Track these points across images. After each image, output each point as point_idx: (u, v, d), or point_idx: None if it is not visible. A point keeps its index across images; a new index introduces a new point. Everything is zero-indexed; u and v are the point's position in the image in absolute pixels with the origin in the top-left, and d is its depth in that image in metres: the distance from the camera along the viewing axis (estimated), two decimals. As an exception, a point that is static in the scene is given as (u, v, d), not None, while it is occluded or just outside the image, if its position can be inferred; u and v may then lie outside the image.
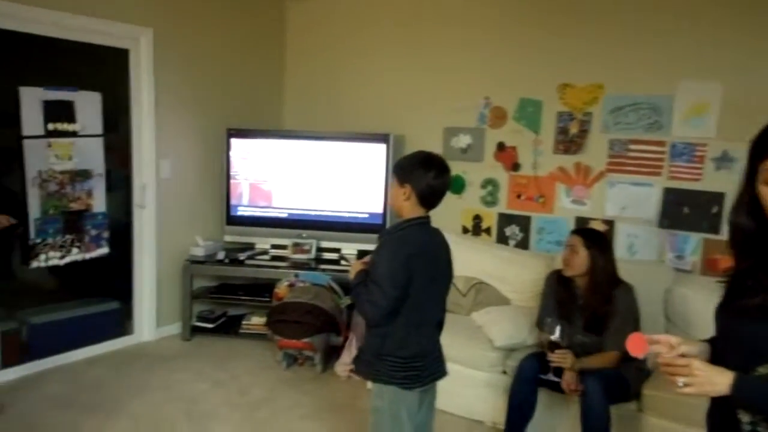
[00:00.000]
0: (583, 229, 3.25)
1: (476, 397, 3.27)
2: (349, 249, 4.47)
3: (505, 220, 4.24)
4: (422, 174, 2.11)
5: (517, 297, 3.73)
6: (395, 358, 2.10)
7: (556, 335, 2.64)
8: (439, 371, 2.24)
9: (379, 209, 4.39)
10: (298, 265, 4.32)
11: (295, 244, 4.51)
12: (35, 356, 3.86)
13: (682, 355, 1.36)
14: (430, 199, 2.15)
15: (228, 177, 4.59)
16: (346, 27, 4.84)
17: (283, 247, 4.56)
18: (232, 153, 4.56)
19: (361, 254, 4.42)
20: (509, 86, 4.12)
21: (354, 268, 2.25)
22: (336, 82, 4.91)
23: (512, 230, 4.22)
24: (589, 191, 3.89)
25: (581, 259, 2.89)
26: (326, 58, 4.96)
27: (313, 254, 4.47)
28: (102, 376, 3.74)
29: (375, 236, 4.21)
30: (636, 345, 1.44)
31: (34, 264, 3.71)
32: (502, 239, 4.25)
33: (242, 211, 4.62)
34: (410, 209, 2.15)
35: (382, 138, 4.35)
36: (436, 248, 2.21)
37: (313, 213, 4.55)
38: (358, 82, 4.79)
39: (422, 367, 2.14)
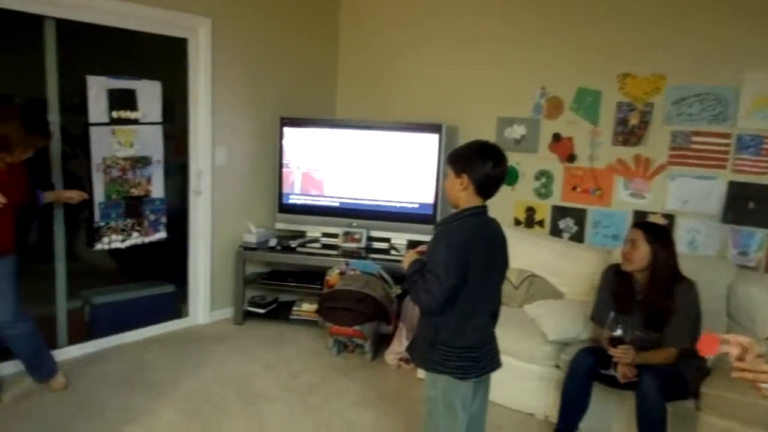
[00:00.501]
0: (644, 222, 3.15)
1: (528, 390, 3.24)
2: (400, 239, 4.47)
3: (560, 212, 4.16)
4: (480, 164, 2.09)
5: (571, 291, 3.66)
6: (449, 347, 2.09)
7: (618, 331, 2.58)
8: (494, 362, 2.23)
9: (430, 199, 4.37)
10: (348, 254, 4.34)
11: (346, 233, 4.54)
12: (97, 335, 4.01)
13: (759, 356, 1.31)
14: (487, 188, 2.13)
15: (280, 165, 4.65)
16: (399, 17, 4.83)
17: (334, 235, 4.60)
18: (285, 141, 4.62)
19: (412, 244, 4.42)
20: (566, 76, 4.03)
21: (408, 257, 2.25)
22: (388, 72, 4.90)
23: (566, 223, 4.14)
24: (649, 184, 3.78)
25: (642, 253, 2.81)
26: (379, 47, 4.95)
27: (363, 243, 4.49)
28: (159, 356, 3.86)
29: (425, 226, 4.28)
30: (709, 345, 1.40)
31: (98, 246, 3.85)
32: (556, 232, 4.17)
33: (294, 200, 4.68)
34: (467, 199, 2.13)
35: (434, 128, 4.33)
36: (493, 238, 2.18)
37: (364, 202, 4.56)
38: (410, 71, 4.78)
39: (477, 358, 2.13)
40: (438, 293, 2.01)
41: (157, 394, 3.31)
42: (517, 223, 4.34)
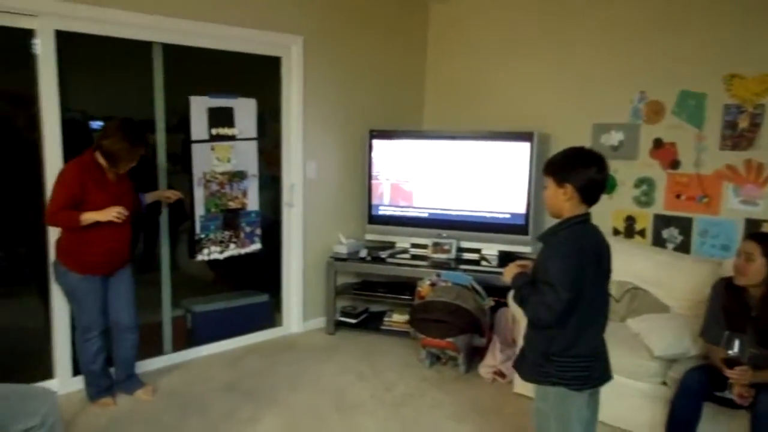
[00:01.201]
0: (761, 234, 2.93)
1: (633, 407, 3.08)
2: (490, 249, 4.40)
3: (662, 221, 3.95)
4: (583, 171, 2.03)
5: (677, 304, 3.46)
6: (565, 358, 2.03)
7: (735, 350, 2.41)
8: (608, 373, 2.14)
9: (522, 209, 4.28)
10: (437, 265, 4.32)
11: (435, 244, 4.51)
12: (198, 342, 4.19)
13: None
14: (593, 194, 2.08)
15: (370, 177, 4.70)
16: (486, 26, 4.78)
17: (423, 246, 4.59)
18: (374, 154, 4.67)
19: (503, 255, 4.35)
20: (667, 79, 3.84)
21: (509, 270, 2.20)
22: (477, 81, 4.86)
23: (670, 233, 3.93)
24: (762, 191, 3.52)
25: (758, 268, 2.62)
26: (467, 57, 4.92)
27: (453, 254, 4.45)
28: (257, 364, 3.98)
29: (517, 237, 4.19)
30: None
31: (199, 257, 4.03)
32: (659, 242, 3.97)
33: (383, 211, 4.71)
34: (571, 208, 2.07)
35: (525, 136, 4.24)
36: (601, 245, 2.11)
37: (453, 213, 4.53)
38: (499, 79, 4.71)
39: (593, 368, 2.05)
40: (557, 306, 1.95)
41: (257, 402, 3.41)
42: (616, 232, 4.16)
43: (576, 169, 2.02)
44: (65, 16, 3.31)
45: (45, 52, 3.29)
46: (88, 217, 3.01)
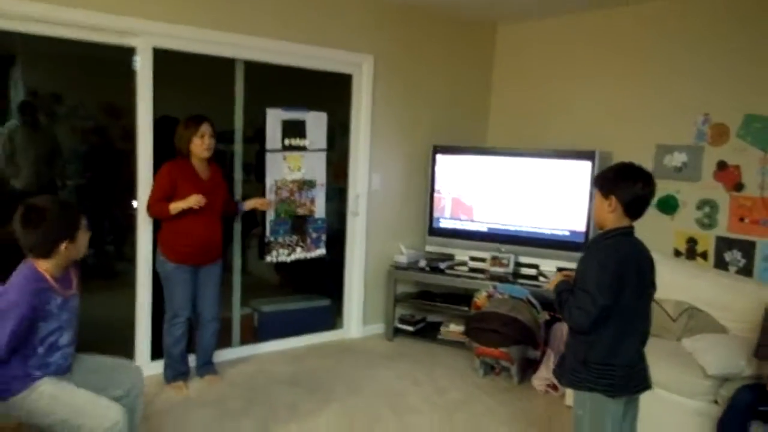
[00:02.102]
0: None
1: (685, 425, 3.08)
2: (548, 266, 4.47)
3: (725, 244, 3.93)
4: (629, 185, 2.14)
5: (736, 326, 3.43)
6: (602, 365, 2.12)
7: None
8: (645, 383, 2.21)
9: (582, 227, 4.33)
10: (495, 278, 4.42)
11: (494, 258, 4.62)
12: (263, 338, 4.46)
13: None
14: (637, 209, 2.17)
15: (432, 190, 4.87)
16: (551, 47, 4.89)
17: (482, 259, 4.70)
18: (437, 168, 4.84)
19: (562, 270, 4.40)
20: (732, 101, 3.84)
21: (555, 278, 2.32)
22: (540, 100, 4.97)
23: (733, 255, 3.90)
24: (830, 216, 3.47)
25: None
26: (531, 77, 5.04)
27: (510, 268, 4.54)
28: (318, 363, 4.19)
29: (576, 254, 4.23)
30: None
31: (268, 259, 4.30)
32: (721, 264, 3.94)
33: (444, 223, 4.87)
34: (615, 220, 2.18)
35: (587, 155, 4.30)
36: (642, 258, 2.19)
37: (512, 228, 4.63)
38: (562, 99, 4.80)
39: (629, 376, 2.14)
40: (591, 311, 2.06)
41: (319, 397, 3.61)
42: (677, 254, 4.15)
43: (622, 183, 2.13)
44: (162, 35, 3.67)
45: (143, 67, 3.66)
46: (175, 206, 3.42)
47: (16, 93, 5.02)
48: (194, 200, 3.42)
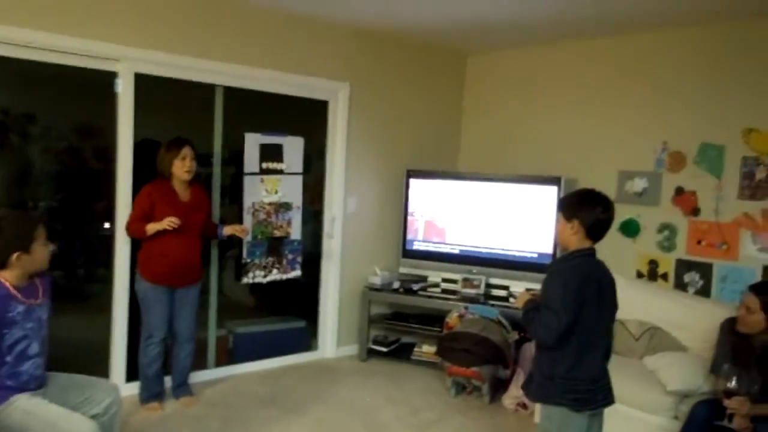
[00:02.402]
0: (761, 286, 3.02)
1: (647, 440, 3.23)
2: (518, 287, 4.61)
3: (684, 266, 4.13)
4: (591, 209, 2.28)
5: (696, 345, 3.60)
6: (566, 379, 2.24)
7: (733, 383, 2.58)
8: (608, 397, 2.33)
9: (549, 249, 4.50)
10: (467, 299, 4.55)
11: (465, 279, 4.75)
12: (239, 360, 4.50)
13: None
14: (597, 232, 2.31)
15: (405, 213, 5.01)
16: (520, 77, 5.11)
17: (454, 281, 4.83)
18: (410, 192, 4.98)
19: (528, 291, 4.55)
20: (689, 131, 4.08)
21: (521, 297, 2.45)
22: (510, 127, 5.17)
23: (692, 277, 4.09)
24: (779, 240, 3.69)
25: (757, 320, 2.82)
26: (501, 105, 5.25)
27: (482, 290, 4.68)
28: (293, 383, 4.25)
29: (543, 275, 4.39)
30: None
31: (245, 280, 4.35)
32: (681, 286, 4.13)
33: (417, 246, 5.00)
34: (577, 242, 2.31)
35: (553, 180, 4.49)
36: (603, 278, 2.33)
37: (483, 250, 4.78)
38: (530, 126, 5.01)
39: (593, 391, 2.25)
40: (555, 327, 2.18)
41: (292, 415, 3.67)
42: (639, 275, 4.34)
43: (584, 208, 2.28)
44: (144, 61, 3.77)
45: (125, 91, 3.75)
46: (151, 227, 3.50)
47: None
48: (167, 222, 3.47)
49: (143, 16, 3.75)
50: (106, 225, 4.25)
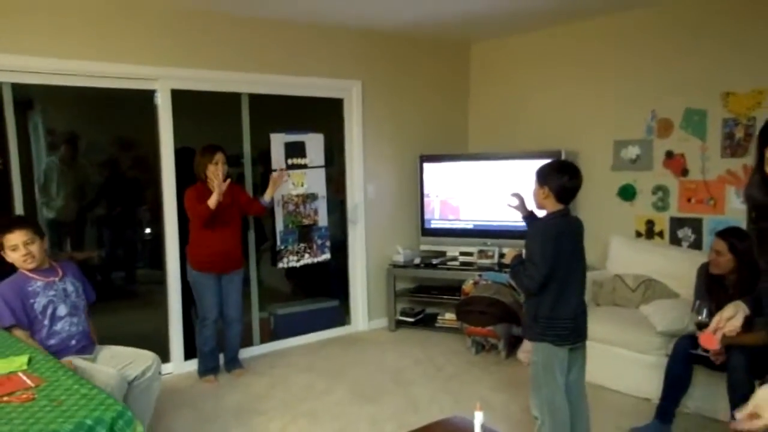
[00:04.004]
0: (727, 231, 3.30)
1: (643, 377, 3.64)
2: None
3: (677, 223, 4.49)
4: (559, 177, 2.68)
5: (687, 292, 3.94)
6: (549, 319, 2.66)
7: (703, 316, 2.96)
8: (583, 335, 2.76)
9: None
10: (483, 269, 4.97)
11: (481, 251, 5.19)
12: (279, 337, 5.03)
13: (728, 318, 1.74)
14: (565, 196, 2.70)
15: (422, 195, 5.46)
16: (520, 60, 5.49)
17: (470, 253, 5.26)
18: (424, 175, 5.43)
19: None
20: (674, 98, 4.42)
21: (509, 254, 2.89)
22: (513, 108, 5.56)
23: (685, 232, 4.45)
24: (760, 191, 4.02)
25: (726, 260, 3.17)
26: (504, 87, 5.65)
27: (496, 259, 5.11)
28: (330, 353, 4.77)
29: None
30: (708, 341, 1.86)
31: (280, 265, 4.86)
32: (675, 241, 4.49)
33: (434, 224, 5.45)
34: (551, 205, 2.72)
35: (554, 154, 4.83)
36: (576, 232, 2.75)
37: (495, 223, 5.20)
38: (532, 105, 5.39)
39: (570, 329, 2.68)
40: (537, 277, 2.61)
41: (331, 379, 4.18)
42: (638, 235, 4.70)
43: (553, 176, 2.69)
44: (178, 78, 4.29)
45: (163, 106, 4.28)
46: (211, 201, 3.92)
47: (35, 134, 5.60)
48: (218, 189, 3.91)
49: (175, 39, 4.26)
50: (147, 230, 4.80)
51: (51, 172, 5.20)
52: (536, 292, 2.66)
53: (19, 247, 2.84)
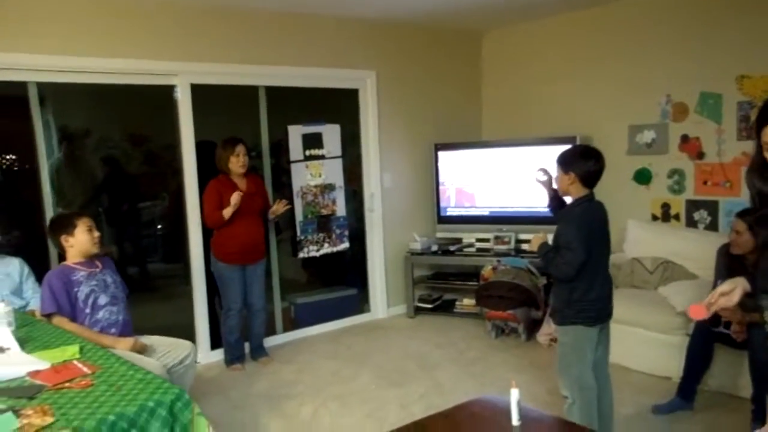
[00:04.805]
0: (745, 211, 3.38)
1: (664, 356, 3.72)
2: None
3: (693, 205, 4.54)
4: (584, 162, 2.73)
5: (704, 273, 4.02)
6: (583, 302, 2.71)
7: (723, 293, 3.03)
8: (611, 313, 2.83)
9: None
10: (499, 255, 5.05)
11: (497, 237, 5.26)
12: (300, 326, 5.12)
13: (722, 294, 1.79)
14: (591, 181, 2.75)
15: (437, 183, 5.52)
16: (532, 47, 5.54)
17: (486, 240, 5.33)
18: (440, 163, 5.49)
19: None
20: (688, 83, 4.46)
21: (535, 241, 2.92)
22: (526, 94, 5.61)
23: (701, 215, 4.51)
24: (776, 173, 4.07)
25: (746, 240, 3.22)
26: (516, 74, 5.69)
27: (512, 245, 5.18)
28: (352, 339, 4.86)
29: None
30: (697, 312, 1.89)
31: (300, 255, 4.95)
32: (691, 223, 4.56)
33: (450, 211, 5.52)
34: (575, 190, 2.77)
35: (569, 140, 4.88)
36: (603, 216, 2.81)
37: (510, 210, 5.26)
38: (546, 91, 5.44)
39: (600, 309, 2.75)
40: (575, 263, 2.64)
41: (356, 364, 4.28)
42: (654, 218, 4.76)
43: (577, 161, 2.73)
44: (197, 73, 4.36)
45: (183, 100, 4.35)
46: (226, 212, 4.03)
47: (47, 131, 5.66)
48: (234, 198, 4.00)
49: (193, 34, 4.32)
50: (159, 226, 4.87)
51: (65, 171, 5.26)
52: (574, 278, 2.71)
53: (93, 229, 3.11)
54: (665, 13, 4.57)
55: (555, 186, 2.96)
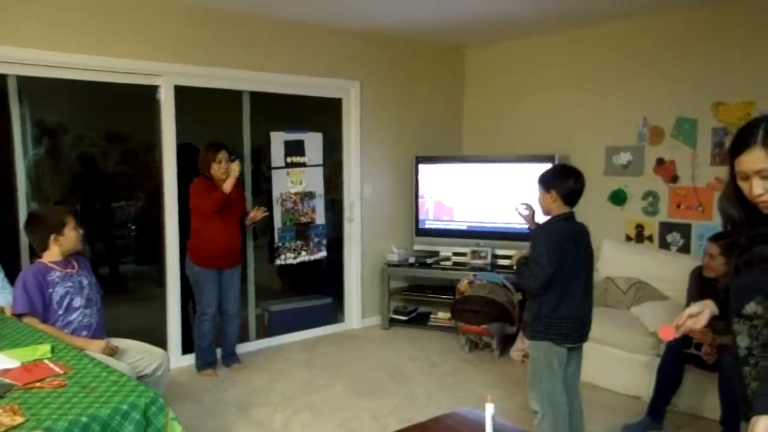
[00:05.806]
0: (718, 235, 3.46)
1: (635, 376, 3.77)
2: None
3: (667, 228, 4.64)
4: (565, 181, 2.78)
5: (676, 294, 4.11)
6: (551, 318, 2.75)
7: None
8: (584, 335, 2.85)
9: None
10: (476, 269, 5.08)
11: (473, 252, 5.29)
12: (274, 333, 5.07)
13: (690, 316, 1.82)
14: (572, 198, 2.80)
15: (417, 196, 5.55)
16: (514, 66, 5.62)
17: (463, 254, 5.37)
18: (420, 176, 5.52)
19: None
20: (665, 107, 4.57)
21: (516, 255, 2.97)
22: (507, 112, 5.68)
23: (673, 237, 4.60)
24: (747, 199, 4.18)
25: (719, 264, 3.30)
26: (498, 92, 5.77)
27: (488, 260, 5.21)
28: (325, 349, 4.83)
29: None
30: (666, 332, 1.91)
31: (278, 262, 4.92)
32: (664, 245, 4.64)
33: (429, 224, 5.54)
34: (557, 208, 2.82)
35: (548, 158, 4.96)
36: (580, 236, 2.85)
37: (488, 225, 5.31)
38: (526, 110, 5.52)
39: (571, 328, 2.77)
40: (540, 277, 2.69)
41: (330, 374, 4.25)
42: (628, 239, 4.85)
43: (559, 180, 2.79)
44: (181, 74, 4.32)
45: (166, 102, 4.31)
46: (227, 183, 4.02)
47: (23, 125, 5.54)
48: (234, 169, 4.02)
49: (178, 36, 4.29)
50: (132, 227, 4.81)
51: (41, 166, 5.16)
52: (540, 291, 2.74)
53: (77, 226, 3.08)
54: (644, 38, 4.69)
55: (537, 219, 3.01)
